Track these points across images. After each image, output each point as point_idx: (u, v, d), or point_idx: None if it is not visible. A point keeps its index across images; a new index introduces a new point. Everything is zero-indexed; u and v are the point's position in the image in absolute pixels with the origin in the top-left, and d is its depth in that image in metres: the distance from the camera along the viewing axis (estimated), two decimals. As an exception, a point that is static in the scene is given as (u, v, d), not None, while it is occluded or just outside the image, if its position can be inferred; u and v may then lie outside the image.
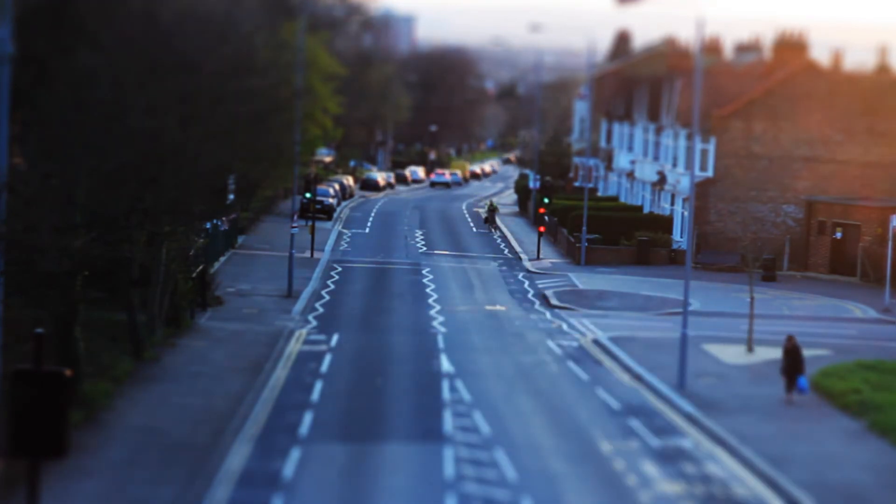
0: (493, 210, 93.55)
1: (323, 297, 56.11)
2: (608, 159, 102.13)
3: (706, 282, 63.65)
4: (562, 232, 79.82)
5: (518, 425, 33.65)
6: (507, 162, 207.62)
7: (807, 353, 45.15)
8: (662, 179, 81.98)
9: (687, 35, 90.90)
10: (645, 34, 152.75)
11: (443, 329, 49.14)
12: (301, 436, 31.61)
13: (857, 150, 73.25)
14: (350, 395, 36.89)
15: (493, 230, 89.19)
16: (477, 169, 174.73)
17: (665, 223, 77.14)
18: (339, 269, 65.81)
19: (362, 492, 27.13)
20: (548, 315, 54.06)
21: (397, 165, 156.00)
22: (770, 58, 79.87)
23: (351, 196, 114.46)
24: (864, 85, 75.21)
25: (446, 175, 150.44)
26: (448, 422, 33.54)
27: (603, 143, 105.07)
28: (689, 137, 73.33)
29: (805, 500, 27.38)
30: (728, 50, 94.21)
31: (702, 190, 72.38)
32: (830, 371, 40.59)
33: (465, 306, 55.42)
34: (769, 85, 74.25)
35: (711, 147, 73.77)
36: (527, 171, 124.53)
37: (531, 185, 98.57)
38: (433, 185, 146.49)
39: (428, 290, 59.85)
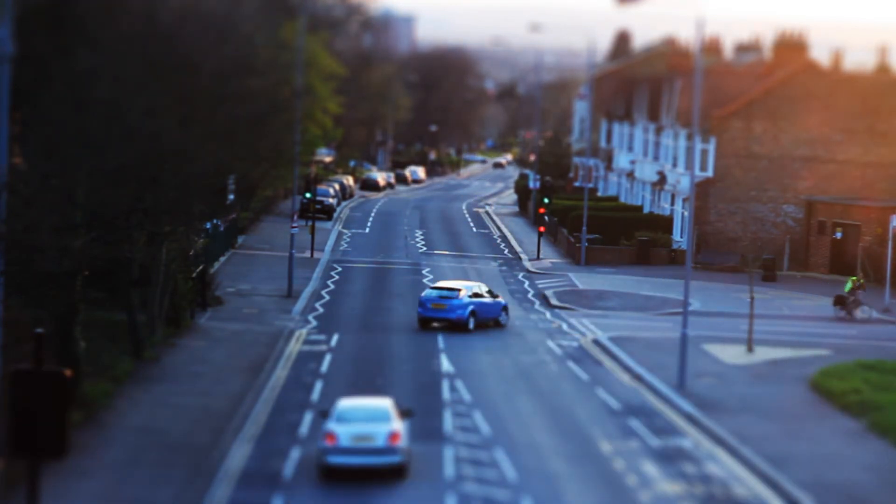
0: (858, 286, 56.94)
1: (323, 297, 56.09)
2: (608, 159, 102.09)
3: (706, 282, 63.62)
4: (562, 232, 79.80)
5: (518, 425, 33.64)
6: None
7: (807, 352, 45.33)
8: (662, 179, 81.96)
9: (687, 35, 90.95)
10: (645, 34, 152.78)
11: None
12: (301, 436, 31.61)
13: (857, 150, 73.22)
14: (350, 396, 36.84)
15: (851, 311, 56.39)
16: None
17: (665, 223, 77.12)
18: (339, 269, 65.78)
19: (362, 492, 27.13)
20: (548, 315, 54.05)
21: (397, 165, 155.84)
22: (770, 58, 79.88)
23: (351, 196, 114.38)
24: (864, 85, 75.16)
25: (503, 160, 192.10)
26: (448, 422, 33.55)
27: (603, 143, 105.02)
28: (689, 137, 73.33)
29: (805, 500, 27.39)
30: (728, 50, 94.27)
31: (702, 190, 72.37)
32: (830, 371, 40.58)
33: (465, 306, 55.33)
34: (769, 85, 74.23)
35: (711, 147, 73.75)
36: (527, 171, 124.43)
37: (531, 185, 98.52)
38: (495, 165, 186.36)
39: (428, 290, 59.78)
